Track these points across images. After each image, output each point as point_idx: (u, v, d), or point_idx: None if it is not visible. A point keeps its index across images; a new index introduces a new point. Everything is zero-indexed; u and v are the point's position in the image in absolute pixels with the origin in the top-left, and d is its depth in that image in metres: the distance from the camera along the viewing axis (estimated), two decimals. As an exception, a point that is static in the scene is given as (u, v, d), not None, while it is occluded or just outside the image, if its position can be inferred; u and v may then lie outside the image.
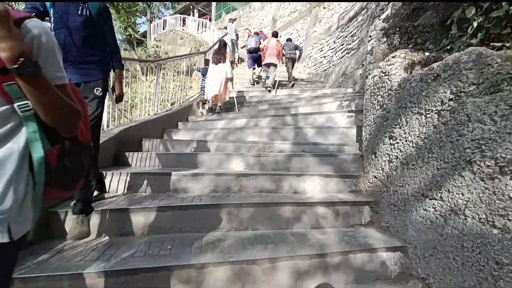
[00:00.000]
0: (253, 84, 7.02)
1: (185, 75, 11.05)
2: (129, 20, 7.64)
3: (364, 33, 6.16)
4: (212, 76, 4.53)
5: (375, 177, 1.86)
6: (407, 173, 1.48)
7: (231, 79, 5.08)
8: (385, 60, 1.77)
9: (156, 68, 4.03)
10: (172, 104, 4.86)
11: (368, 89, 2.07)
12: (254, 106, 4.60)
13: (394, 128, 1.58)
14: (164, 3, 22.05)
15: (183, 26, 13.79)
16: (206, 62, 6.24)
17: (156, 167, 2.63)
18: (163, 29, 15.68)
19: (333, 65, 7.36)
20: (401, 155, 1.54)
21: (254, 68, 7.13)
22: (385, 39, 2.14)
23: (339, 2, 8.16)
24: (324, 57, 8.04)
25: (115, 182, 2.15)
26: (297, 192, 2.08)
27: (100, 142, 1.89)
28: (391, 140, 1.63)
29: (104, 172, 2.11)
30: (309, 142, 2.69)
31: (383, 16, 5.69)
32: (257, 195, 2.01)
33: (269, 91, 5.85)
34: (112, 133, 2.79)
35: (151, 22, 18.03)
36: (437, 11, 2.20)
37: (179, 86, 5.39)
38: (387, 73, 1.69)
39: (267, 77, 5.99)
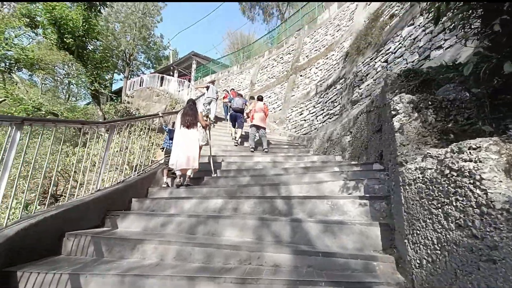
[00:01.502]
0: (236, 142, 6.42)
1: (157, 132, 10.28)
2: (97, 75, 7.07)
3: (345, 100, 6.14)
4: (180, 142, 3.69)
5: None
6: None
7: (205, 145, 4.39)
8: (450, 150, 1.13)
9: (109, 130, 3.18)
10: (134, 168, 3.88)
11: (409, 184, 1.38)
12: (232, 177, 3.77)
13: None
14: (144, 63, 22.77)
15: (160, 84, 13.73)
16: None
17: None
18: (140, 85, 15.56)
19: (315, 128, 7.15)
20: None
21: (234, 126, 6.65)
22: (416, 114, 1.59)
23: (315, 72, 8.57)
24: (305, 120, 7.91)
25: None
26: None
27: None
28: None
29: None
30: (316, 249, 1.83)
31: (363, 86, 5.79)
32: None
33: (266, 151, 5.47)
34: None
35: (128, 79, 18.00)
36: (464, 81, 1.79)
37: (145, 146, 4.51)
38: (466, 174, 1.02)
39: (254, 139, 5.52)
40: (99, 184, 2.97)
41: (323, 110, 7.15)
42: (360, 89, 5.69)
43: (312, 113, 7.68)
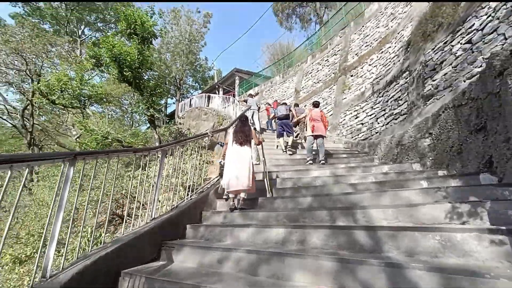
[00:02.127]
0: (285, 151, 6.05)
1: (207, 149, 10.53)
2: (152, 101, 7.61)
3: (414, 96, 5.17)
4: (233, 160, 3.41)
5: None
6: None
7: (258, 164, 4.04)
8: None
9: (161, 155, 3.09)
10: (188, 188, 3.79)
11: None
12: (290, 198, 3.30)
13: None
14: (192, 85, 24.44)
15: (207, 103, 14.35)
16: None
17: None
18: (189, 106, 16.57)
19: (376, 132, 6.22)
20: None
21: (283, 136, 6.27)
22: None
23: (368, 69, 7.66)
24: (362, 124, 7.02)
25: None
26: None
27: None
28: None
29: None
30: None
31: (437, 77, 4.76)
32: None
33: (323, 163, 4.89)
34: None
35: (179, 102, 19.46)
36: None
37: (197, 165, 4.45)
38: None
39: (311, 150, 5.01)
40: (154, 212, 2.86)
41: (384, 110, 6.20)
42: (434, 80, 4.69)
43: (370, 115, 6.76)
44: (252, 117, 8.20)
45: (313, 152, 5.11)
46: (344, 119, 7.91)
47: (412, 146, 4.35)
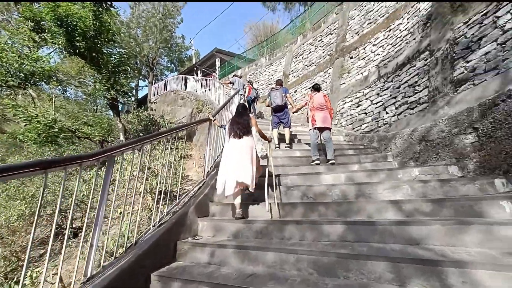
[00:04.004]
0: (278, 146, 5.03)
1: (185, 140, 9.17)
2: (114, 81, 6.06)
3: (438, 81, 4.29)
4: (230, 156, 2.83)
5: None
6: None
7: (263, 157, 3.12)
8: None
9: (107, 164, 1.87)
10: (158, 202, 2.63)
11: None
12: (309, 224, 2.24)
13: None
14: (167, 66, 22.28)
15: (185, 86, 12.74)
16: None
17: None
18: (164, 90, 14.81)
19: (385, 124, 5.36)
20: None
21: (278, 127, 5.21)
22: None
23: (372, 50, 6.70)
24: (365, 113, 6.13)
25: None
26: None
27: None
28: None
29: None
30: None
31: (474, 56, 3.86)
32: None
33: (333, 163, 3.92)
34: None
35: (152, 84, 17.46)
36: None
37: (172, 162, 3.28)
38: None
39: (317, 147, 3.99)
40: (91, 269, 1.67)
41: (395, 98, 5.33)
42: (469, 61, 3.82)
43: (376, 103, 5.87)
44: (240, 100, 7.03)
45: (319, 149, 4.10)
46: (343, 107, 6.99)
47: (444, 143, 3.50)
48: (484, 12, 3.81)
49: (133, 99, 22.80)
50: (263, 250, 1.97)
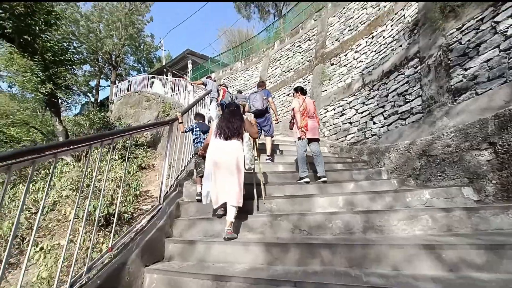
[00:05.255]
0: (257, 158, 4.25)
1: (148, 147, 7.96)
2: (54, 73, 4.82)
3: (433, 89, 3.93)
4: (218, 164, 2.41)
5: None
6: None
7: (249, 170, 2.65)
8: None
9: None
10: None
11: None
12: (311, 286, 1.53)
13: None
14: (133, 66, 20.63)
15: (151, 87, 11.50)
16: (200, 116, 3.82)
17: None
18: (128, 90, 13.33)
19: (374, 135, 4.92)
20: None
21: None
22: None
23: (355, 57, 6.37)
24: (350, 123, 5.69)
25: None
26: None
27: None
28: None
29: None
30: None
31: (474, 63, 3.47)
32: None
33: (325, 181, 3.25)
34: None
35: (114, 84, 15.77)
36: None
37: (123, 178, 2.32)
38: None
39: (305, 161, 3.28)
40: None
41: (383, 107, 4.94)
42: (467, 69, 3.48)
43: (361, 112, 5.46)
44: (210, 105, 6.19)
45: (307, 163, 3.40)
46: (326, 116, 6.51)
47: (451, 160, 3.04)
48: (480, 17, 3.54)
49: (92, 99, 20.53)
50: None
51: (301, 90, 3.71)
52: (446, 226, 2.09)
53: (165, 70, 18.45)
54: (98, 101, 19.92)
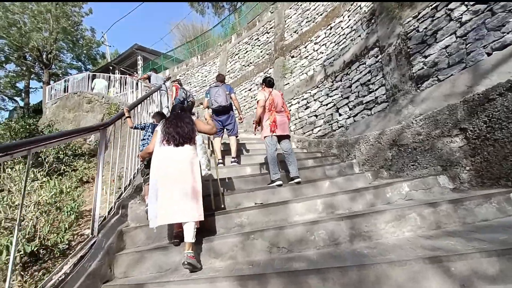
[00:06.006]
0: (222, 161, 3.78)
1: (92, 156, 6.89)
2: None
3: (396, 78, 3.88)
4: (167, 176, 1.95)
5: None
6: None
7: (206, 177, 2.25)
8: None
9: None
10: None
11: None
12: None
13: None
14: (72, 63, 18.10)
15: (92, 88, 10.01)
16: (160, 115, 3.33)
17: None
18: (65, 91, 11.49)
19: (341, 126, 4.79)
20: None
21: (221, 135, 3.95)
22: None
23: (315, 48, 6.23)
24: (316, 116, 5.52)
25: None
26: None
27: None
28: None
29: None
30: None
31: (433, 51, 3.45)
32: None
33: (299, 182, 2.87)
34: None
35: (48, 84, 13.57)
36: None
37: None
38: None
39: (276, 161, 2.88)
40: None
41: (347, 98, 4.84)
42: (427, 56, 3.47)
43: (326, 104, 5.32)
44: (161, 99, 5.52)
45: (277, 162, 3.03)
46: (290, 110, 6.27)
47: (423, 148, 2.96)
48: (434, 5, 3.55)
49: (22, 103, 17.49)
50: None
51: (267, 82, 3.30)
52: (435, 223, 1.90)
53: (111, 67, 16.50)
54: (29, 105, 17.00)
